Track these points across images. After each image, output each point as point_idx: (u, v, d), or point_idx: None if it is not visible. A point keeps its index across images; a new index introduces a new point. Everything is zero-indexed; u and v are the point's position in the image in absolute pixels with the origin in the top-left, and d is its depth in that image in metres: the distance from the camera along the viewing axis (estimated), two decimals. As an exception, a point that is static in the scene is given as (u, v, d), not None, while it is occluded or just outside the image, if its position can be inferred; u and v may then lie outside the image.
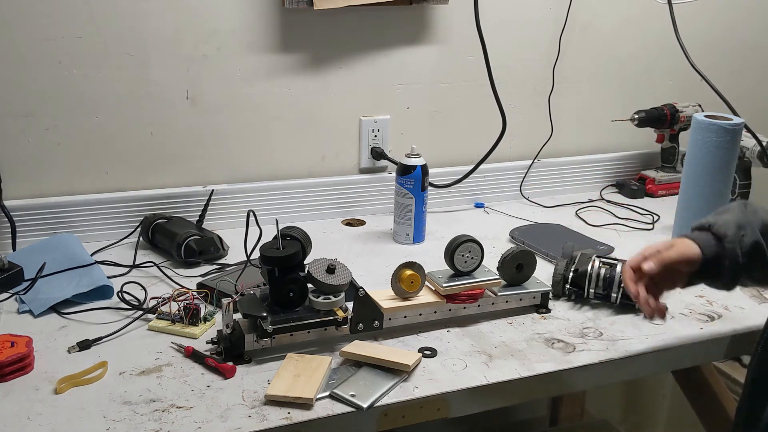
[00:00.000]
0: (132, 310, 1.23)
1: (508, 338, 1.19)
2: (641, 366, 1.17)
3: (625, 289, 1.17)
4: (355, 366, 1.08)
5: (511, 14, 1.80)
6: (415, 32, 1.72)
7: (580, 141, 2.00)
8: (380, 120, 1.74)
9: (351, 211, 1.74)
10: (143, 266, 1.42)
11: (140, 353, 1.11)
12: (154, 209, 1.55)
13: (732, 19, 2.06)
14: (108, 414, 0.96)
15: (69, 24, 1.43)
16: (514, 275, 1.26)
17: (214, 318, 1.20)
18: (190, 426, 0.94)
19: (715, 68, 1.89)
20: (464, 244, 1.22)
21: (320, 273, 1.11)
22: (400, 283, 1.19)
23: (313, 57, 1.64)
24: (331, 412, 0.98)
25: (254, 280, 1.22)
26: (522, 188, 1.90)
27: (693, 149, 1.51)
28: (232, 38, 1.56)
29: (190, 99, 1.56)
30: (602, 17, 1.90)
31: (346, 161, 1.75)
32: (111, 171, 1.55)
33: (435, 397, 1.03)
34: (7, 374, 1.02)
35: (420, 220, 1.57)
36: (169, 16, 1.49)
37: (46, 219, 1.49)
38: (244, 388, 1.02)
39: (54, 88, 1.46)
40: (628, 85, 2.00)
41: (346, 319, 1.12)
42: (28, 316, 1.21)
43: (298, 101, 1.66)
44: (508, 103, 1.77)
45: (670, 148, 1.94)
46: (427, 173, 1.56)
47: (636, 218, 1.77)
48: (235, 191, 1.62)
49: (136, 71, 1.50)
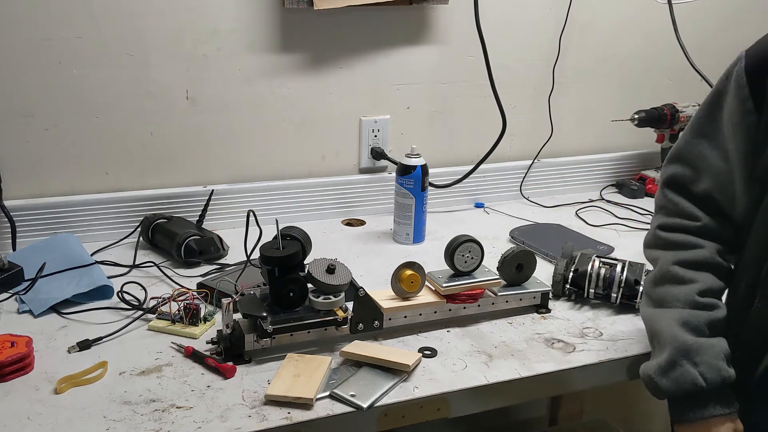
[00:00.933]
0: (132, 310, 1.23)
1: (508, 338, 1.19)
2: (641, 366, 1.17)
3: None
4: (355, 366, 1.08)
5: (511, 14, 1.80)
6: (415, 32, 1.72)
7: (580, 141, 2.00)
8: (380, 120, 1.74)
9: (351, 211, 1.74)
10: (143, 266, 1.42)
11: (140, 353, 1.11)
12: (154, 209, 1.55)
13: (732, 19, 2.05)
14: (108, 414, 0.96)
15: (69, 24, 1.43)
16: (514, 275, 1.26)
17: (214, 318, 1.20)
18: (190, 426, 0.94)
19: (715, 68, 1.89)
20: (464, 244, 1.22)
21: (320, 273, 1.11)
22: (400, 283, 1.18)
23: (313, 57, 1.64)
24: (331, 412, 0.98)
25: (254, 280, 1.22)
26: (522, 188, 1.90)
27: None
28: (232, 38, 1.56)
29: (190, 99, 1.56)
30: (602, 17, 1.90)
31: (346, 161, 1.75)
32: (111, 171, 1.55)
33: (435, 397, 1.03)
34: (7, 374, 1.02)
35: (420, 220, 1.57)
36: (169, 16, 1.49)
37: (46, 219, 1.49)
38: (244, 388, 1.02)
39: (54, 88, 1.46)
40: (628, 85, 2.00)
41: (346, 319, 1.12)
42: (28, 316, 1.21)
43: (298, 101, 1.66)
44: (508, 103, 1.77)
45: (670, 148, 1.94)
46: (427, 173, 1.56)
47: (636, 218, 1.77)
48: (235, 191, 1.62)
49: (136, 71, 1.50)
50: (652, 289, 1.08)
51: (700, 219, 1.07)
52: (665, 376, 1.01)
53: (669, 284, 1.06)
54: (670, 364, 1.01)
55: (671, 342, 1.01)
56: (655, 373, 1.02)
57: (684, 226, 1.08)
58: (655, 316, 1.06)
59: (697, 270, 1.05)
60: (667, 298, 1.05)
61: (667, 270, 1.06)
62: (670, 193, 1.11)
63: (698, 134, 1.08)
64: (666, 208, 1.12)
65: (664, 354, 1.02)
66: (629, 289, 1.27)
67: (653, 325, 1.06)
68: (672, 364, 1.01)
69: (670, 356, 1.01)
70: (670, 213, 1.11)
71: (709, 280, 1.05)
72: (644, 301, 1.11)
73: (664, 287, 1.06)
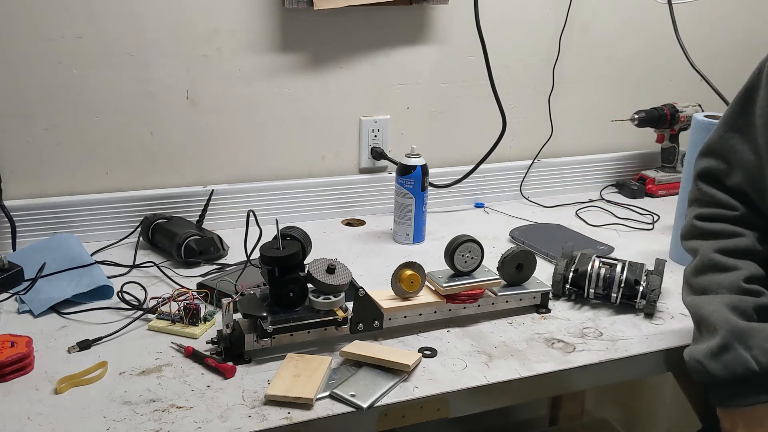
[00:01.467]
0: (132, 310, 1.23)
1: (508, 338, 1.19)
2: (641, 366, 1.17)
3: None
4: (355, 366, 1.08)
5: (511, 14, 1.80)
6: (415, 32, 1.72)
7: (580, 141, 2.00)
8: (380, 120, 1.74)
9: (351, 211, 1.74)
10: (143, 266, 1.42)
11: (140, 353, 1.11)
12: (154, 209, 1.55)
13: (732, 19, 2.05)
14: (108, 414, 0.96)
15: (69, 24, 1.43)
16: (514, 275, 1.26)
17: (214, 318, 1.20)
18: (190, 426, 0.94)
19: (715, 68, 1.89)
20: (464, 244, 1.22)
21: (320, 273, 1.11)
22: (400, 283, 1.18)
23: (313, 57, 1.64)
24: (331, 412, 0.98)
25: (254, 280, 1.22)
26: (522, 188, 1.90)
27: (693, 149, 1.51)
28: (232, 38, 1.55)
29: (190, 99, 1.56)
30: (602, 17, 1.90)
31: (346, 161, 1.75)
32: (111, 171, 1.55)
33: (435, 397, 1.03)
34: (7, 374, 1.02)
35: (420, 220, 1.57)
36: (170, 16, 1.49)
37: (46, 219, 1.49)
38: (244, 388, 1.02)
39: (54, 88, 1.46)
40: (628, 85, 2.00)
41: (346, 319, 1.12)
42: (28, 316, 1.21)
43: (298, 101, 1.66)
44: (508, 103, 1.77)
45: (670, 148, 1.94)
46: (427, 173, 1.56)
47: (636, 218, 1.77)
48: (235, 191, 1.62)
49: (136, 71, 1.50)
50: (694, 279, 1.07)
51: (737, 209, 1.07)
52: (716, 359, 0.99)
53: (712, 272, 1.05)
54: (721, 347, 0.99)
55: (723, 325, 0.99)
56: (705, 357, 1.01)
57: (722, 215, 1.08)
58: (700, 302, 1.05)
59: (739, 258, 1.05)
60: (712, 286, 1.04)
61: (710, 258, 1.06)
62: (705, 186, 1.11)
63: (730, 128, 1.08)
64: (701, 201, 1.12)
65: (716, 338, 1.00)
66: (629, 289, 1.26)
67: (698, 311, 1.05)
68: (724, 348, 0.99)
69: (723, 339, 0.99)
70: (706, 204, 1.11)
71: (752, 267, 1.05)
72: (685, 290, 1.10)
73: (707, 276, 1.05)
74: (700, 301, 1.06)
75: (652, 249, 1.54)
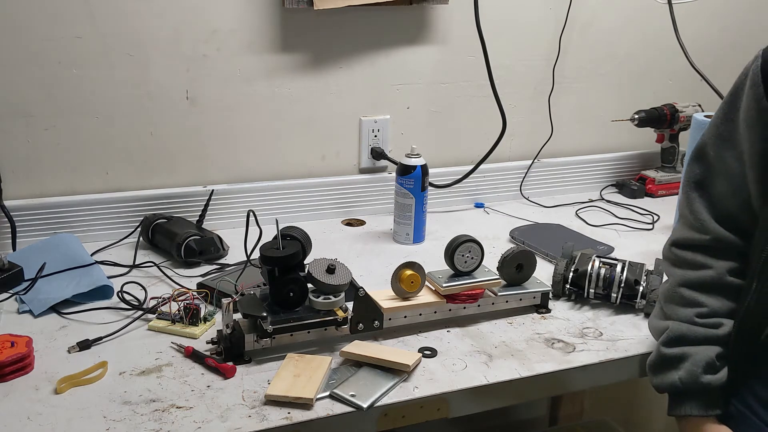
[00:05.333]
0: (132, 310, 1.23)
1: (508, 338, 1.19)
2: (641, 366, 1.17)
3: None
4: (355, 366, 1.08)
5: (511, 14, 1.80)
6: (415, 32, 1.72)
7: (580, 141, 2.00)
8: (380, 120, 1.74)
9: (351, 211, 1.74)
10: (143, 266, 1.42)
11: (140, 353, 1.11)
12: (154, 209, 1.55)
13: (731, 19, 2.05)
14: (108, 414, 0.96)
15: (69, 24, 1.43)
16: (514, 275, 1.26)
17: (214, 318, 1.20)
18: (190, 426, 0.94)
19: (715, 68, 1.89)
20: (464, 244, 1.22)
21: (320, 273, 1.11)
22: (400, 283, 1.18)
23: (313, 57, 1.64)
24: (331, 412, 0.98)
25: (254, 280, 1.22)
26: (522, 188, 1.90)
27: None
28: (232, 38, 1.56)
29: (190, 99, 1.57)
30: (602, 17, 1.90)
31: (346, 161, 1.75)
32: (111, 171, 1.55)
33: (435, 397, 1.04)
34: (7, 374, 1.02)
35: (420, 220, 1.57)
36: (169, 16, 1.49)
37: (46, 219, 1.49)
38: (244, 388, 1.02)
39: (54, 88, 1.46)
40: (628, 85, 2.00)
41: (346, 319, 1.12)
42: (28, 316, 1.21)
43: (298, 101, 1.66)
44: (508, 103, 1.77)
45: (670, 148, 1.94)
46: (427, 173, 1.56)
47: (636, 218, 1.77)
48: (235, 191, 1.62)
49: (136, 71, 1.50)
50: (663, 303, 1.12)
51: (708, 232, 1.07)
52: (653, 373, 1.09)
53: (674, 304, 1.09)
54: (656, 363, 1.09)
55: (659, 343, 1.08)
56: (648, 369, 1.11)
57: (694, 242, 1.09)
58: (656, 324, 1.13)
59: (702, 292, 1.06)
60: (672, 316, 1.08)
61: (674, 291, 1.09)
62: (691, 193, 1.11)
63: (716, 134, 1.08)
64: (684, 217, 1.13)
65: (653, 353, 1.09)
66: (629, 289, 1.26)
67: (652, 331, 1.14)
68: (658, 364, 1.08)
69: (657, 355, 1.08)
70: (685, 223, 1.12)
71: (714, 303, 1.05)
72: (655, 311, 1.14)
73: (669, 306, 1.09)
74: (656, 323, 1.12)
75: (652, 249, 1.54)
